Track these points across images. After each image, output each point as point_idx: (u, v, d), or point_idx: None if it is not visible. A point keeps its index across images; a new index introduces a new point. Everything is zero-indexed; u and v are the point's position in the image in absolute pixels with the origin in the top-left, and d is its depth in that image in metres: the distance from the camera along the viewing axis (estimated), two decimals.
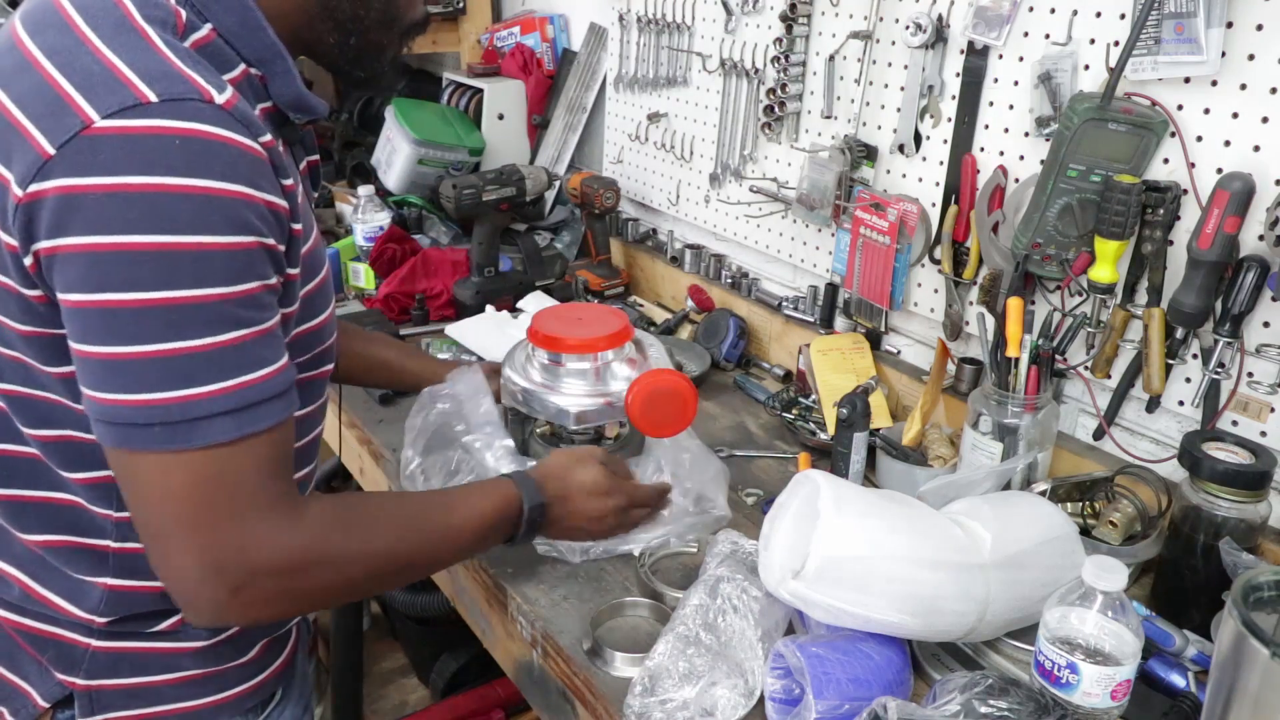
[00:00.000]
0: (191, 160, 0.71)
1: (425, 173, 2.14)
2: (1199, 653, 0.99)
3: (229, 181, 0.72)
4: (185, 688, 0.93)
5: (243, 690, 0.96)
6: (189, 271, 0.71)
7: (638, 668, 0.96)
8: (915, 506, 1.01)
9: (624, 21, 2.02)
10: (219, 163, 0.72)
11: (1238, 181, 1.06)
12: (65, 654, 0.89)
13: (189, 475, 0.74)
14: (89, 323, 0.72)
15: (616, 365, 1.23)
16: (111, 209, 0.69)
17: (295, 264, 0.83)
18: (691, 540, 1.20)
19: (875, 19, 1.48)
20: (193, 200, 0.71)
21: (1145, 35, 1.12)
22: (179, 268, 0.71)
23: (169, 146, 0.70)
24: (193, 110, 0.71)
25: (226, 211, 0.73)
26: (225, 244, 0.73)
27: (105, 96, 0.70)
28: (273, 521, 0.79)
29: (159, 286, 0.71)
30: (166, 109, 0.70)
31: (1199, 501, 1.06)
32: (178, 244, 0.70)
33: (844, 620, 0.94)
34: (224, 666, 0.94)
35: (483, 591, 1.19)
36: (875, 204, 1.51)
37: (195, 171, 0.71)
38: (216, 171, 0.72)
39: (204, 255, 0.72)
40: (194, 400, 0.73)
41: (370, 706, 2.26)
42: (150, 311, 0.71)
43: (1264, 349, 1.11)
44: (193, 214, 0.71)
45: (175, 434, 0.73)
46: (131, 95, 0.70)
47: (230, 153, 0.73)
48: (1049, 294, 1.33)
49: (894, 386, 1.55)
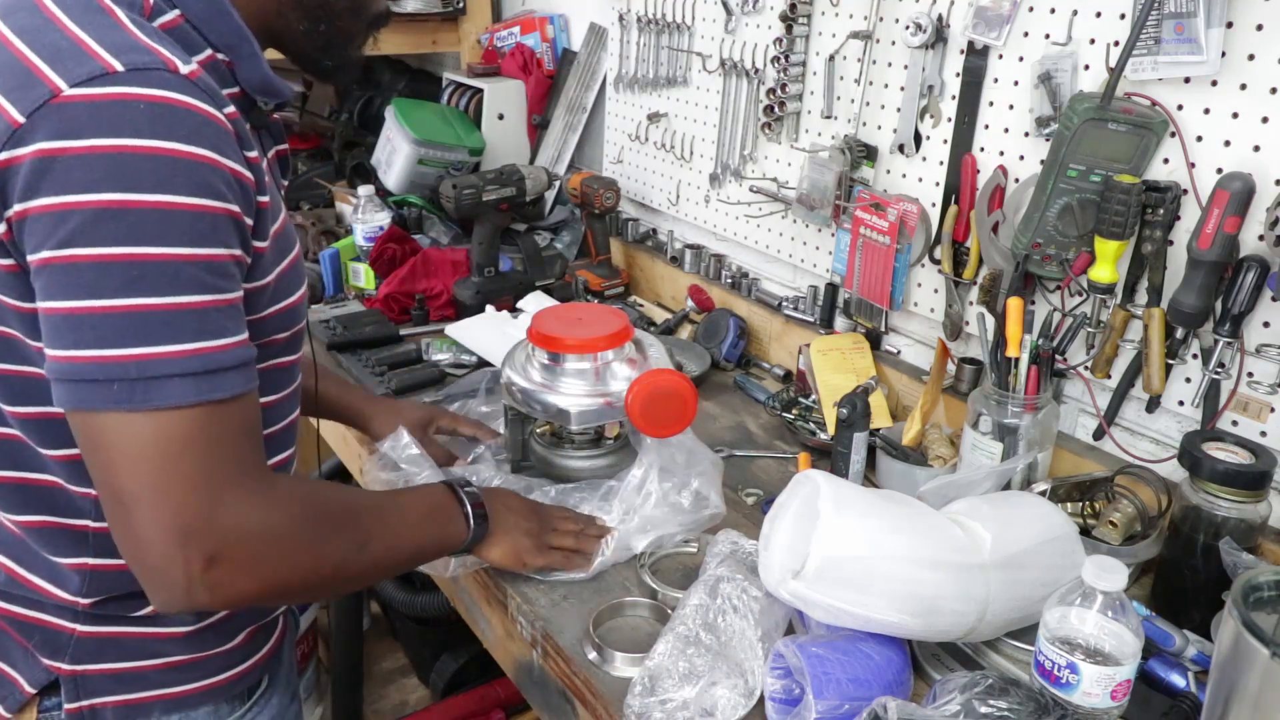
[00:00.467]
0: (156, 124, 0.73)
1: (425, 173, 2.14)
2: (1199, 653, 0.99)
3: (194, 145, 0.74)
4: (170, 673, 0.93)
5: (228, 677, 0.97)
6: (152, 229, 0.72)
7: (638, 668, 0.96)
8: (915, 506, 1.01)
9: (624, 21, 2.02)
10: (184, 127, 0.74)
11: (1238, 181, 1.06)
12: (50, 639, 0.89)
13: (153, 436, 0.74)
14: (53, 278, 0.72)
15: (616, 365, 1.23)
16: (78, 170, 0.71)
17: (264, 237, 0.84)
18: (691, 540, 1.20)
19: (875, 19, 1.48)
20: (157, 160, 0.72)
21: (1145, 35, 1.12)
22: (142, 225, 0.72)
23: (134, 111, 0.72)
24: (158, 79, 0.74)
25: (191, 174, 0.74)
26: (189, 204, 0.74)
27: (73, 67, 0.72)
28: (245, 490, 0.78)
29: (121, 242, 0.72)
30: (132, 77, 0.73)
31: (1199, 501, 1.06)
32: (141, 202, 0.72)
33: (844, 620, 0.94)
34: (209, 653, 0.95)
35: (483, 591, 1.19)
36: (875, 204, 1.51)
37: (160, 134, 0.72)
38: (181, 135, 0.74)
39: (168, 214, 0.73)
40: (153, 359, 0.73)
41: (370, 706, 2.26)
42: (112, 266, 0.72)
43: (1264, 349, 1.11)
44: (157, 174, 0.72)
45: (134, 392, 0.73)
46: (98, 65, 0.72)
47: (195, 119, 0.75)
48: (1049, 294, 1.33)
49: (894, 386, 1.55)
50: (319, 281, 1.99)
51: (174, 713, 0.94)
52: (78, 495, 0.86)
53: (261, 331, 0.88)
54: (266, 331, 0.89)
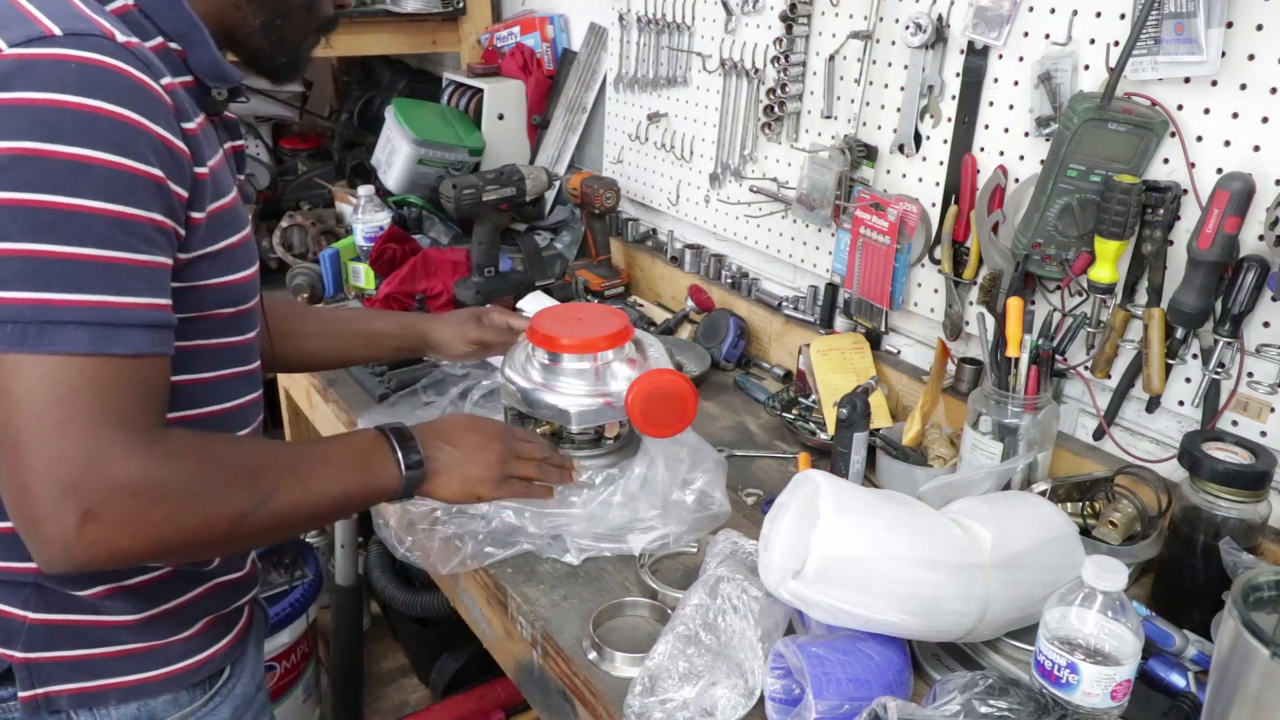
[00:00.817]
0: (84, 82, 0.75)
1: (425, 173, 2.14)
2: (1199, 653, 0.99)
3: (120, 106, 0.76)
4: (125, 661, 0.93)
5: (187, 666, 0.96)
6: (65, 179, 0.74)
7: (638, 668, 0.96)
8: (915, 506, 1.01)
9: (624, 21, 2.02)
10: (112, 88, 0.76)
11: (1238, 181, 1.06)
12: (3, 627, 0.89)
13: (41, 381, 0.74)
14: None
15: (617, 365, 1.23)
16: (2, 120, 0.73)
17: (201, 209, 0.85)
18: (691, 540, 1.20)
19: (875, 19, 1.48)
20: (79, 115, 0.74)
21: (1145, 35, 1.12)
22: (55, 174, 0.74)
23: (64, 69, 0.75)
24: (93, 44, 0.76)
25: (112, 132, 0.76)
26: (107, 160, 0.75)
27: (14, 31, 0.76)
28: (129, 445, 0.77)
29: (32, 189, 0.73)
30: (68, 41, 0.76)
31: (1199, 501, 1.06)
32: (57, 152, 0.74)
33: (844, 620, 0.94)
34: (165, 641, 0.94)
35: (483, 591, 1.19)
36: (875, 204, 1.51)
37: (86, 92, 0.75)
38: (108, 95, 0.76)
39: (83, 166, 0.74)
40: (50, 304, 0.73)
41: (370, 706, 2.26)
42: (20, 211, 0.73)
43: (1264, 349, 1.11)
44: (77, 128, 0.74)
45: (26, 335, 0.73)
46: (37, 29, 0.76)
47: (125, 82, 0.77)
48: (1049, 294, 1.33)
49: (894, 386, 1.55)
50: (319, 281, 1.99)
51: (131, 701, 0.93)
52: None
53: (203, 303, 0.89)
54: (209, 304, 0.90)
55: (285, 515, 0.89)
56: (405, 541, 1.19)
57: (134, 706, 0.94)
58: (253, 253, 0.96)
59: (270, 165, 2.53)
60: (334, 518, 1.00)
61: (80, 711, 0.92)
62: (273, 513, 0.87)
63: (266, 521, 0.87)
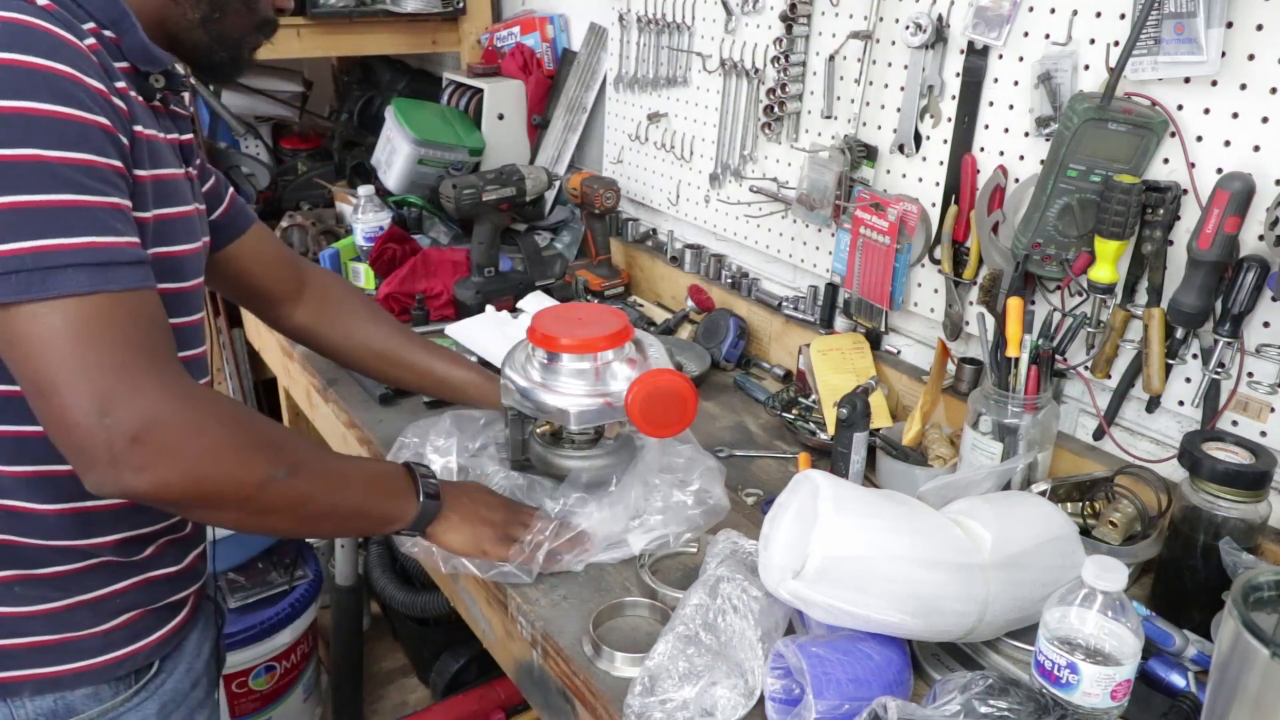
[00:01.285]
0: (13, 40, 0.76)
1: (425, 173, 2.14)
2: (1199, 653, 0.99)
3: (53, 60, 0.77)
4: (38, 653, 0.92)
5: (106, 660, 0.95)
6: (18, 133, 0.75)
7: (638, 668, 0.96)
8: (915, 506, 1.01)
9: (624, 21, 2.02)
10: (41, 45, 0.77)
11: (1238, 181, 1.06)
12: None
13: (61, 323, 0.76)
14: None
15: (616, 365, 1.23)
16: None
17: (142, 166, 0.86)
18: (691, 540, 1.20)
19: (875, 19, 1.48)
20: (15, 71, 0.76)
21: (1145, 35, 1.12)
22: (7, 129, 0.75)
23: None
24: (14, 4, 0.78)
25: (52, 84, 0.77)
26: (53, 110, 0.77)
27: None
28: (163, 379, 0.80)
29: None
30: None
31: (1199, 501, 1.06)
32: (11, 108, 0.75)
33: (844, 620, 0.94)
34: (83, 634, 0.94)
35: (483, 591, 1.19)
36: (875, 204, 1.51)
37: (16, 49, 0.77)
38: (39, 51, 0.77)
39: (31, 119, 0.76)
40: (47, 250, 0.75)
41: (370, 706, 2.26)
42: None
43: (1264, 349, 1.11)
44: (16, 83, 0.76)
45: (32, 282, 0.75)
46: None
47: (51, 39, 0.78)
48: (1049, 294, 1.33)
49: (894, 386, 1.55)
50: None
51: (47, 693, 0.92)
52: None
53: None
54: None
55: (305, 497, 0.90)
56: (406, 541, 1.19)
57: (50, 699, 0.93)
58: (194, 230, 0.97)
59: (270, 165, 2.53)
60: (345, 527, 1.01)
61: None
62: (296, 489, 0.89)
63: (289, 496, 0.88)
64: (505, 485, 1.23)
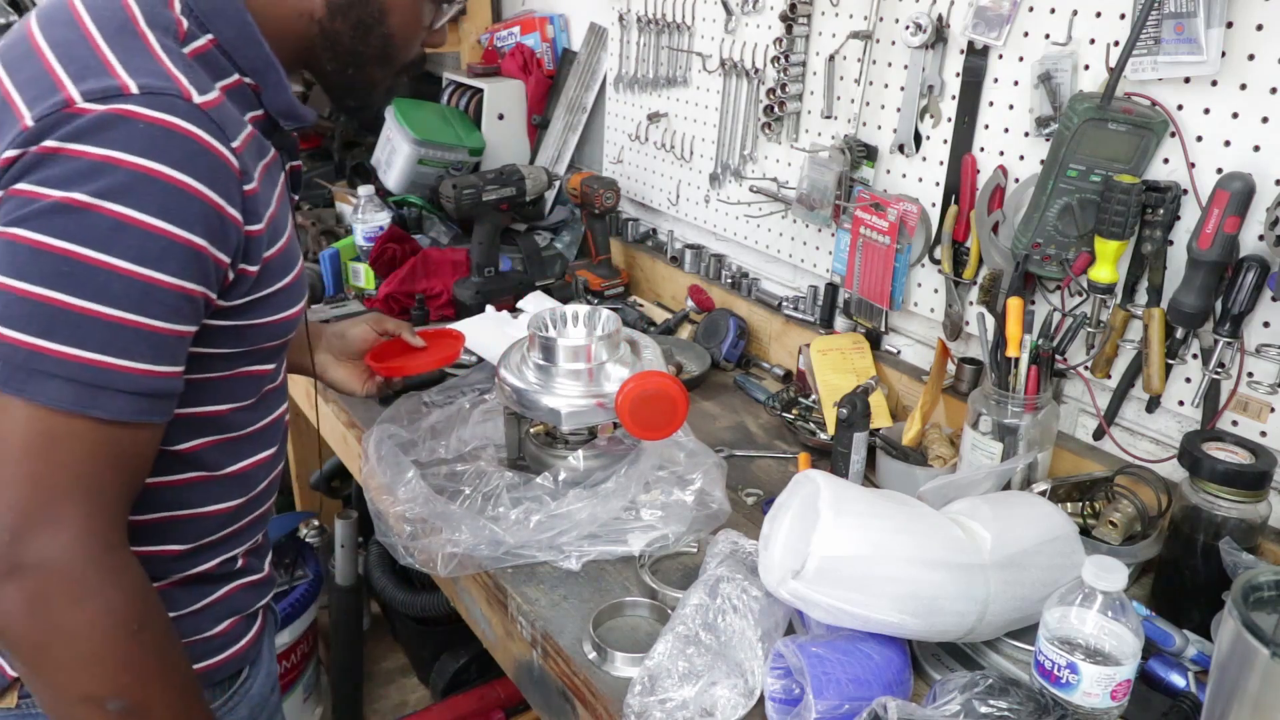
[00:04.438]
0: (149, 144, 0.74)
1: (425, 173, 2.14)
2: (1199, 653, 0.99)
3: (180, 171, 0.75)
4: None
5: (207, 666, 0.96)
6: (100, 235, 0.73)
7: (638, 668, 0.96)
8: (915, 506, 1.01)
9: (624, 21, 2.02)
10: (176, 153, 0.75)
11: (1238, 181, 1.06)
12: None
13: (19, 426, 0.72)
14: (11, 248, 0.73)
15: (610, 367, 1.23)
16: (60, 168, 0.73)
17: (253, 262, 0.84)
18: (691, 540, 1.20)
19: (875, 19, 1.48)
20: (135, 176, 0.73)
21: (1145, 35, 1.12)
22: (93, 228, 0.73)
23: (132, 128, 0.74)
24: (166, 103, 0.75)
25: (165, 196, 0.75)
26: (149, 224, 0.74)
27: (91, 83, 0.75)
28: (93, 522, 0.74)
29: (65, 237, 0.72)
30: (144, 100, 0.75)
31: (1199, 501, 1.06)
32: (101, 207, 0.73)
33: (844, 620, 0.94)
34: (191, 639, 0.94)
35: (483, 591, 1.19)
36: (875, 204, 1.51)
37: (149, 154, 0.74)
38: (170, 160, 0.74)
39: (122, 225, 0.73)
40: (44, 352, 0.72)
41: (370, 706, 2.26)
42: (46, 255, 0.72)
43: (1264, 349, 1.11)
44: (129, 188, 0.73)
45: (12, 377, 0.72)
46: (115, 84, 0.75)
47: (191, 146, 0.76)
48: (1049, 294, 1.33)
49: (894, 386, 1.55)
50: (319, 281, 1.99)
51: None
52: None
53: (252, 338, 0.90)
54: (257, 339, 0.90)
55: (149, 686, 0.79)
56: (409, 547, 1.19)
57: None
58: (303, 290, 0.96)
59: None
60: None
61: None
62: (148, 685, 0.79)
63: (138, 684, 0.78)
64: (501, 484, 1.23)
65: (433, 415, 1.41)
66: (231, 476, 0.95)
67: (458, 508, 1.18)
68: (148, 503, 0.87)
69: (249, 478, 0.98)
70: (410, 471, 1.22)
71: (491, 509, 1.18)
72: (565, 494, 1.19)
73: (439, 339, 1.43)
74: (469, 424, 1.39)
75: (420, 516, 1.18)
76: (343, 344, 1.34)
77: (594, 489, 1.19)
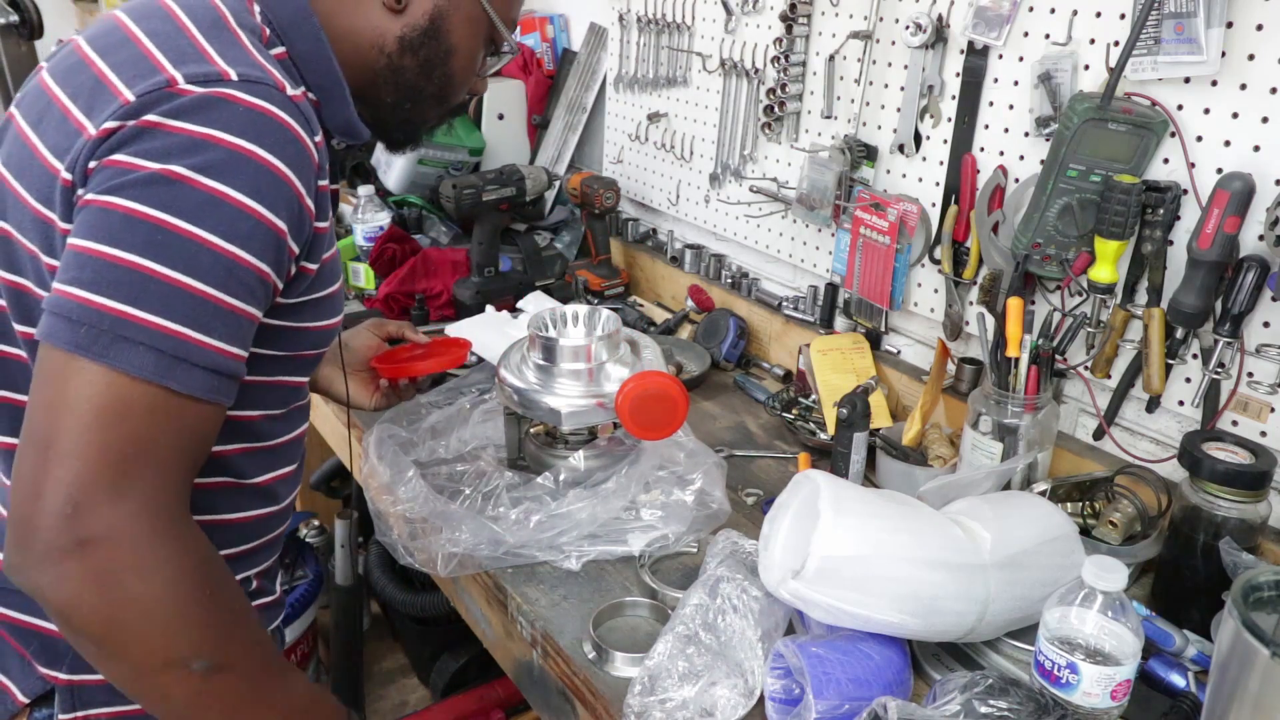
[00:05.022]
0: (247, 126, 0.77)
1: (425, 173, 2.14)
2: (1199, 653, 0.99)
3: (273, 155, 0.78)
4: None
5: None
6: (194, 207, 0.75)
7: (638, 668, 0.96)
8: (915, 506, 1.01)
9: (624, 21, 2.02)
10: (271, 137, 0.78)
11: (1238, 181, 1.06)
12: (49, 646, 0.89)
13: (96, 391, 0.72)
14: (86, 218, 0.75)
15: (610, 367, 1.23)
16: (160, 142, 0.75)
17: (315, 261, 0.87)
18: (691, 540, 1.20)
19: (875, 19, 1.48)
20: (231, 154, 0.76)
21: (1145, 35, 1.12)
22: (187, 200, 0.74)
23: (232, 110, 0.77)
24: (264, 92, 0.79)
25: (257, 177, 0.77)
26: (241, 202, 0.76)
27: (192, 68, 0.78)
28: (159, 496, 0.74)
29: (160, 207, 0.74)
30: (242, 86, 0.78)
31: (1199, 501, 1.06)
32: (197, 181, 0.75)
33: (844, 620, 0.94)
34: None
35: (483, 591, 1.19)
36: (875, 204, 1.51)
37: (246, 136, 0.77)
38: (265, 143, 0.77)
39: (217, 201, 0.75)
40: (129, 319, 0.73)
41: (370, 706, 2.26)
42: (140, 224, 0.74)
43: (1264, 349, 1.11)
44: (225, 165, 0.75)
45: (96, 342, 0.72)
46: (215, 70, 0.78)
47: (285, 134, 0.79)
48: (1049, 294, 1.33)
49: (894, 386, 1.55)
50: None
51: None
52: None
53: (297, 343, 0.91)
54: (301, 345, 0.92)
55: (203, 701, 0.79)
56: (409, 547, 1.19)
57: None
58: (342, 304, 0.98)
59: None
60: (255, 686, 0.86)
61: None
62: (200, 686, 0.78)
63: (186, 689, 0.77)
64: (501, 484, 1.23)
65: (433, 415, 1.41)
66: (257, 487, 0.96)
67: (458, 507, 1.18)
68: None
69: (272, 491, 0.98)
70: (410, 471, 1.22)
71: (491, 509, 1.18)
72: (565, 494, 1.19)
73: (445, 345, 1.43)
74: (469, 424, 1.39)
75: (420, 516, 1.18)
76: (349, 355, 1.33)
77: (594, 489, 1.19)
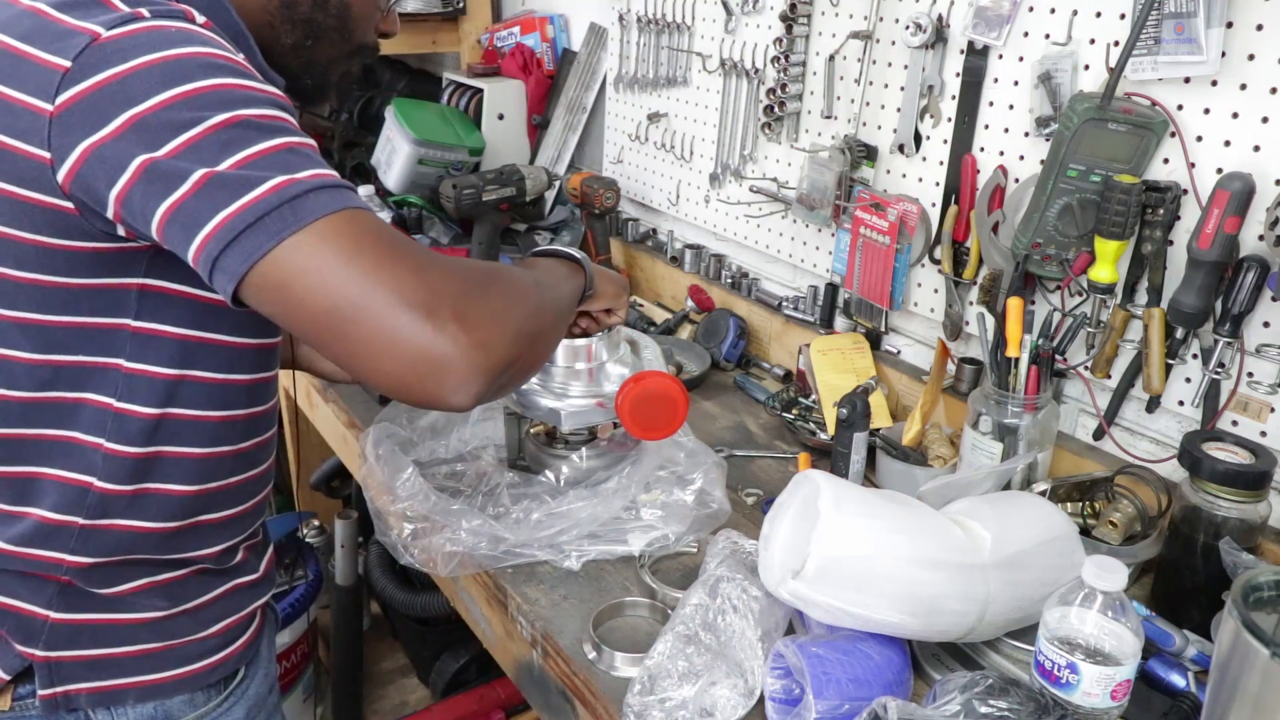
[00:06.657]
0: (192, 40, 0.77)
1: (425, 173, 2.14)
2: (1199, 653, 0.99)
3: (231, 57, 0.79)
4: (145, 660, 0.93)
5: (203, 666, 0.97)
6: (220, 101, 0.75)
7: (637, 668, 0.96)
8: (915, 506, 1.01)
9: (624, 21, 2.02)
10: (216, 46, 0.79)
11: (1238, 181, 1.06)
12: (24, 625, 0.90)
13: (329, 242, 0.73)
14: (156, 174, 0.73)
15: (610, 366, 1.23)
16: (135, 83, 0.74)
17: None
18: (691, 540, 1.20)
19: (875, 19, 1.48)
20: (204, 60, 0.77)
21: (1145, 35, 1.12)
22: (215, 98, 0.75)
23: (170, 34, 0.77)
24: (182, 17, 0.80)
25: (240, 72, 0.78)
26: (251, 86, 0.77)
27: (103, 17, 0.77)
28: (419, 260, 0.76)
29: (203, 116, 0.74)
30: (159, 16, 0.78)
31: (1199, 501, 1.06)
32: (203, 86, 0.75)
33: (844, 620, 0.94)
34: (183, 640, 0.95)
35: (483, 591, 1.19)
36: (875, 204, 1.51)
37: (198, 45, 0.77)
38: (217, 48, 0.78)
39: (233, 90, 0.76)
40: (285, 184, 0.73)
41: (370, 706, 2.26)
42: (203, 142, 0.73)
43: (1264, 349, 1.11)
44: (208, 68, 0.76)
45: (283, 216, 0.72)
46: (128, 13, 0.77)
47: (215, 43, 0.79)
48: (1049, 294, 1.33)
49: (894, 386, 1.55)
50: None
51: (149, 700, 0.94)
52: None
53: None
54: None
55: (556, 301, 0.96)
56: (409, 546, 1.19)
57: (151, 706, 0.95)
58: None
59: None
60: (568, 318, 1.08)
61: (98, 710, 0.92)
62: (551, 299, 0.93)
63: (551, 302, 0.93)
64: (501, 484, 1.23)
65: (432, 415, 1.41)
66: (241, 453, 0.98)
67: (458, 507, 1.18)
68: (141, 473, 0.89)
69: (254, 456, 1.00)
70: (410, 470, 1.22)
71: (492, 508, 1.18)
72: (565, 493, 1.19)
73: None
74: (469, 424, 1.39)
75: (420, 515, 1.18)
76: None
77: (594, 489, 1.19)
